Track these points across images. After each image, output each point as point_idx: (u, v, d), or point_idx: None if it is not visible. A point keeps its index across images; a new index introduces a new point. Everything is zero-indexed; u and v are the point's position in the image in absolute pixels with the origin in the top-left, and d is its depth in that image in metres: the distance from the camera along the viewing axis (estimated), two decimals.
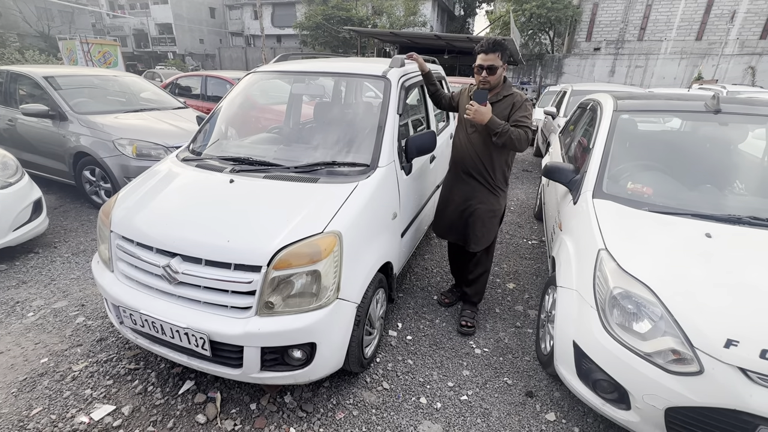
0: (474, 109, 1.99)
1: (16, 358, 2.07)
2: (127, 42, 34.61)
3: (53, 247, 3.26)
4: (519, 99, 2.11)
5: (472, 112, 1.99)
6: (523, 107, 2.08)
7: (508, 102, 2.12)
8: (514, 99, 2.12)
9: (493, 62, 2.04)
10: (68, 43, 15.38)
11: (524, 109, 2.08)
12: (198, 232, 1.64)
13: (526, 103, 2.11)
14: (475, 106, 2.00)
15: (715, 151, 2.38)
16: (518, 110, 2.07)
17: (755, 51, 19.73)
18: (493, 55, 2.03)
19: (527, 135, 2.03)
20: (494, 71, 2.05)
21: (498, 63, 2.05)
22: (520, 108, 2.08)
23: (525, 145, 2.04)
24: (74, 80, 4.59)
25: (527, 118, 2.07)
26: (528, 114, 2.08)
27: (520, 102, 2.10)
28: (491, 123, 1.99)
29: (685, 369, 1.37)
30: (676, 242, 1.70)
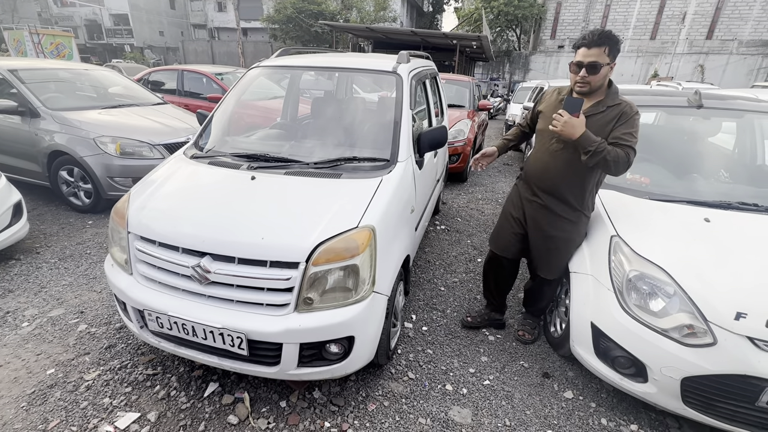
0: (563, 121, 1.62)
1: (19, 370, 1.94)
2: (78, 33, 32.30)
3: (36, 253, 3.05)
4: (629, 110, 1.69)
5: (560, 124, 1.63)
6: (631, 122, 1.67)
7: (613, 114, 1.70)
8: (622, 110, 1.70)
9: (597, 58, 1.62)
10: (15, 34, 14.20)
11: (631, 125, 1.67)
12: (229, 230, 1.61)
13: (635, 117, 1.68)
14: (565, 116, 1.63)
15: (698, 143, 2.58)
16: (624, 125, 1.68)
17: (702, 50, 21.27)
18: (598, 50, 1.62)
19: (628, 157, 1.63)
20: (597, 70, 1.64)
21: (604, 60, 1.63)
22: (627, 122, 1.68)
23: (623, 169, 1.66)
24: (41, 74, 4.28)
25: (632, 136, 1.65)
26: (635, 131, 1.67)
27: (630, 114, 1.68)
28: (583, 139, 1.61)
29: (699, 341, 1.51)
30: (680, 227, 1.86)
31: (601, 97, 1.75)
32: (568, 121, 1.62)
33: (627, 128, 1.68)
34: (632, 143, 1.66)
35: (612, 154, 1.62)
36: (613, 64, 1.67)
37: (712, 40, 21.02)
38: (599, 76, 1.67)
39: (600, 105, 1.74)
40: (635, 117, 1.69)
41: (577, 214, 1.92)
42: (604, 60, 1.64)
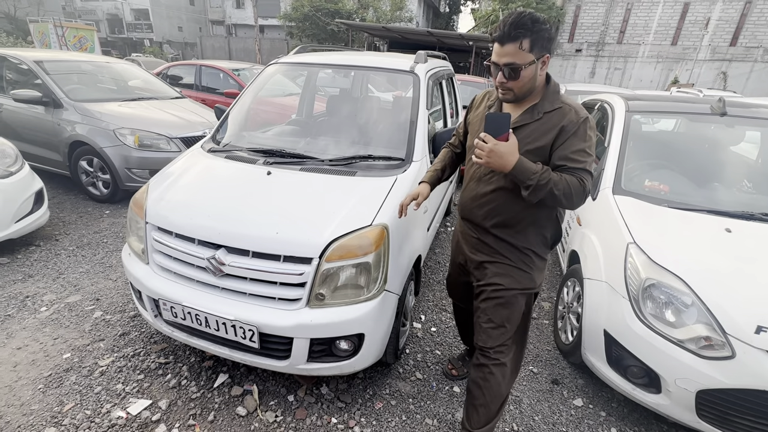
0: (488, 149, 1.17)
1: (36, 353, 2.00)
2: (100, 27, 33.01)
3: (55, 240, 3.13)
4: (574, 117, 1.23)
5: (485, 154, 1.17)
6: (581, 134, 1.22)
7: (553, 122, 1.25)
8: (566, 117, 1.24)
9: (514, 58, 1.17)
10: (40, 26, 14.56)
11: (581, 137, 1.22)
12: (244, 223, 1.63)
13: (585, 126, 1.23)
14: (489, 141, 1.17)
15: (720, 152, 2.52)
16: (570, 139, 1.22)
17: (725, 57, 20.73)
18: (513, 46, 1.16)
19: (583, 185, 1.20)
20: (517, 73, 1.18)
21: (524, 59, 1.17)
22: (575, 135, 1.22)
23: (579, 201, 1.23)
24: (65, 66, 4.38)
25: (585, 153, 1.22)
26: (588, 146, 1.23)
27: (576, 123, 1.22)
28: (518, 172, 1.18)
29: (717, 354, 1.48)
30: (700, 236, 1.82)
31: (536, 100, 1.29)
32: (494, 148, 1.15)
33: (575, 144, 1.21)
34: (585, 164, 1.21)
35: (561, 186, 1.17)
36: (544, 58, 1.20)
37: (736, 47, 20.48)
38: (524, 80, 1.20)
39: (534, 111, 1.28)
40: (585, 125, 1.21)
41: (523, 256, 1.40)
42: (525, 58, 1.16)
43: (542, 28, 1.16)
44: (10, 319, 2.22)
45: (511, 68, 1.18)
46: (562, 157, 1.23)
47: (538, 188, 1.18)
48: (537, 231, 1.40)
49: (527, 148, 1.26)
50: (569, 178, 1.20)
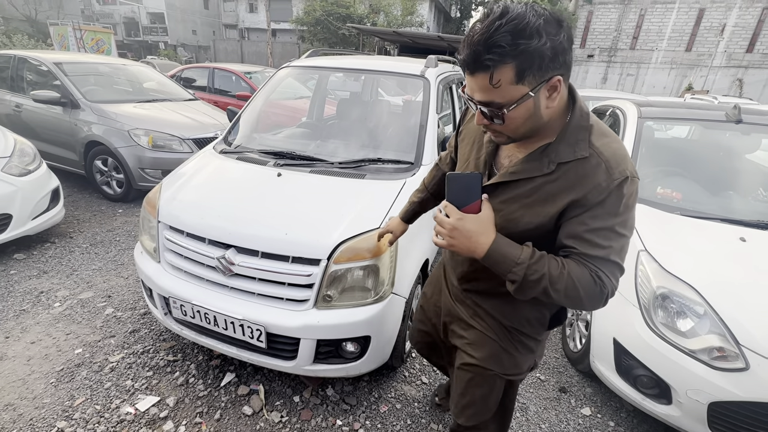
0: (449, 227, 0.81)
1: (49, 348, 2.04)
2: (117, 30, 33.76)
3: (69, 238, 3.20)
4: (603, 180, 0.76)
5: (445, 234, 0.82)
6: (610, 203, 0.76)
7: (571, 180, 0.79)
8: (590, 177, 0.77)
9: (490, 95, 0.73)
10: (60, 29, 14.93)
11: (612, 209, 0.77)
12: (254, 224, 1.65)
13: (620, 192, 0.76)
14: (452, 216, 0.81)
15: (735, 160, 2.48)
16: (593, 208, 0.77)
17: (741, 64, 20.40)
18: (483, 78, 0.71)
19: (600, 284, 0.78)
20: (499, 113, 0.74)
21: (507, 95, 0.72)
22: (601, 204, 0.77)
23: (593, 305, 0.81)
24: (83, 67, 4.49)
25: (615, 233, 0.78)
26: (621, 223, 0.78)
27: (605, 190, 0.76)
28: (492, 260, 0.81)
29: (730, 366, 1.45)
30: (713, 245, 1.78)
31: (549, 138, 0.82)
32: (458, 225, 0.79)
33: (599, 218, 0.76)
34: (610, 250, 0.77)
35: (562, 283, 0.77)
36: (553, 82, 0.72)
37: (753, 54, 20.14)
38: (515, 122, 0.75)
39: (544, 158, 0.81)
40: (620, 191, 0.76)
41: (509, 335, 1.03)
42: (509, 94, 0.71)
43: (533, 45, 0.66)
44: (25, 313, 2.27)
45: (494, 107, 0.73)
46: (573, 235, 0.78)
47: (526, 285, 0.78)
48: (531, 306, 0.99)
49: (524, 218, 0.83)
50: (578, 270, 0.76)
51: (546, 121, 0.78)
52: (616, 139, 0.81)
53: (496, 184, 0.88)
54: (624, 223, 0.78)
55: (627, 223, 0.79)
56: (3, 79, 4.46)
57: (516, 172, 0.85)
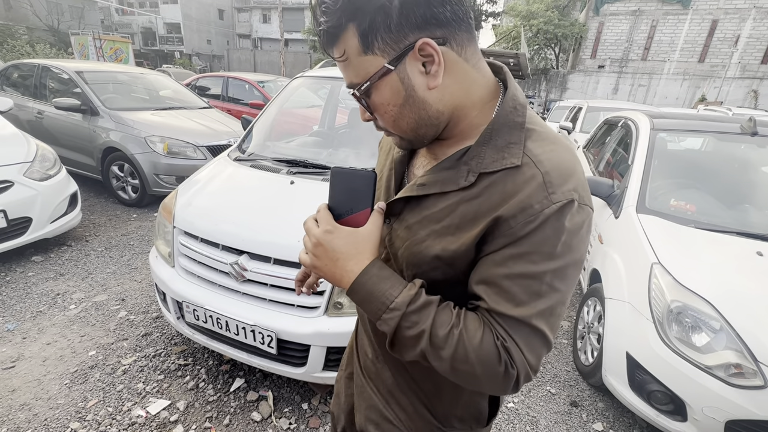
0: (314, 241, 0.56)
1: (64, 349, 2.07)
2: (134, 39, 34.76)
3: (85, 241, 3.27)
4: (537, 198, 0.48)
5: (309, 249, 0.57)
6: (540, 237, 0.48)
7: (494, 198, 0.51)
8: (519, 192, 0.49)
9: (346, 71, 0.54)
10: (81, 39, 15.42)
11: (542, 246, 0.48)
12: (267, 231, 1.67)
13: (559, 223, 0.48)
14: (322, 225, 0.56)
15: (751, 172, 2.45)
16: (519, 242, 0.49)
17: (756, 75, 20.14)
18: (336, 50, 0.52)
19: (506, 360, 0.49)
20: (363, 99, 0.55)
21: (361, 69, 0.51)
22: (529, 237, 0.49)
23: (495, 387, 0.52)
24: (103, 76, 4.64)
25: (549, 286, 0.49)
26: (556, 271, 0.49)
27: (536, 213, 0.48)
28: (359, 296, 0.56)
29: (748, 383, 1.42)
30: (729, 259, 1.76)
31: (468, 140, 0.57)
32: (323, 240, 0.56)
33: (530, 260, 0.49)
34: (533, 314, 0.50)
35: (450, 348, 0.51)
36: (420, 44, 0.48)
37: None
38: (386, 105, 0.54)
39: (461, 166, 0.55)
40: (563, 221, 0.49)
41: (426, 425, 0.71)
42: (365, 67, 0.51)
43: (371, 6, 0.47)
44: (41, 315, 2.32)
45: (355, 94, 0.55)
46: (484, 280, 0.52)
47: (400, 341, 0.55)
48: (466, 397, 0.69)
49: (432, 250, 0.56)
50: (477, 334, 0.51)
51: (442, 110, 0.53)
52: (566, 147, 0.54)
53: (404, 201, 0.60)
54: (561, 271, 0.49)
55: (566, 272, 0.50)
56: (26, 87, 4.62)
57: (424, 184, 0.57)
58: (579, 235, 0.50)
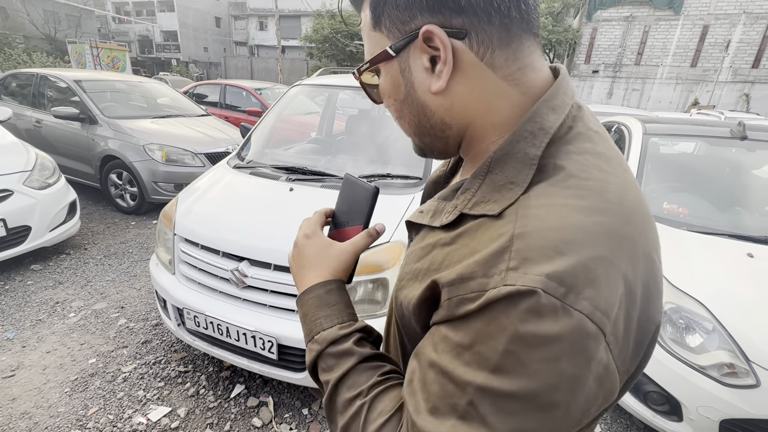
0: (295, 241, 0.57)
1: (64, 357, 2.08)
2: (131, 47, 34.86)
3: (84, 249, 3.27)
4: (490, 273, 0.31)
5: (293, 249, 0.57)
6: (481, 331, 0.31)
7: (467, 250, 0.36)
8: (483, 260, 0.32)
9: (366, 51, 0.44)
10: (77, 47, 15.48)
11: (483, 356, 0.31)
12: (267, 237, 1.69)
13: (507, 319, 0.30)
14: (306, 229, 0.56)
15: (742, 175, 2.49)
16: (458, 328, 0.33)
17: (747, 79, 20.44)
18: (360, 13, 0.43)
19: None
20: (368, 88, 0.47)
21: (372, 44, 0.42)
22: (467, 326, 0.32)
23: None
24: (101, 84, 4.66)
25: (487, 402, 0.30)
26: (504, 394, 0.30)
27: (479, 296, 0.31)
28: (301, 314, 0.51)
29: (741, 382, 1.44)
30: (720, 261, 1.79)
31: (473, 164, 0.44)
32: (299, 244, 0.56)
33: (458, 355, 0.32)
34: (435, 429, 0.32)
35: (346, 416, 0.41)
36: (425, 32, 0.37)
37: (759, 69, 20.18)
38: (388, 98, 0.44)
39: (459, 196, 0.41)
40: (501, 318, 0.30)
41: None
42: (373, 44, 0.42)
43: None
44: (41, 323, 2.32)
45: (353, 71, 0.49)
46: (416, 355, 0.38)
47: (314, 379, 0.49)
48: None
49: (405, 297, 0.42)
50: (377, 420, 0.39)
51: (448, 122, 0.42)
52: (600, 208, 0.34)
53: (410, 227, 0.50)
54: (496, 398, 0.31)
55: (506, 405, 0.31)
56: (25, 96, 4.64)
57: (422, 211, 0.47)
58: (544, 355, 0.29)
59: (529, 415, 0.30)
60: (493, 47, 0.37)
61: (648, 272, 0.34)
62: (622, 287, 0.31)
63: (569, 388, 0.30)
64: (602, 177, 0.36)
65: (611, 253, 0.32)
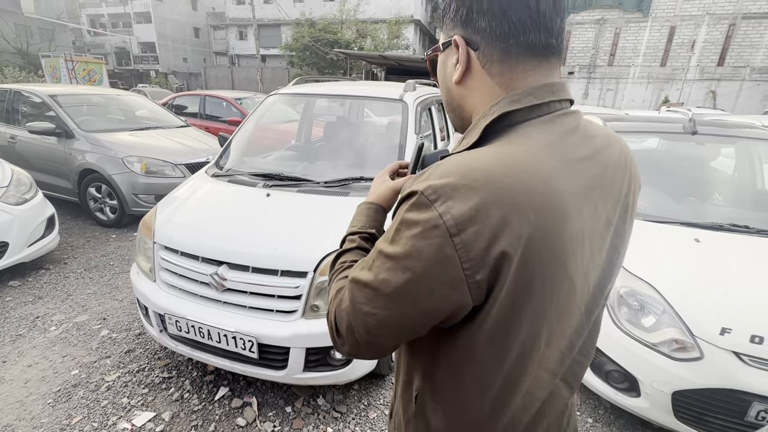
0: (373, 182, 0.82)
1: (46, 370, 2.09)
2: (108, 59, 34.30)
3: (63, 264, 3.26)
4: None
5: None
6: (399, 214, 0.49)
7: None
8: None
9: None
10: (51, 61, 15.18)
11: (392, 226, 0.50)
12: (244, 241, 1.76)
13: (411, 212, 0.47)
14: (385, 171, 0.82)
15: (698, 168, 2.67)
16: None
17: (714, 77, 21.35)
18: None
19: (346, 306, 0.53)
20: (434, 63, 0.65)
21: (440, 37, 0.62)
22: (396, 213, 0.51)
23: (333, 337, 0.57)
24: (77, 99, 4.65)
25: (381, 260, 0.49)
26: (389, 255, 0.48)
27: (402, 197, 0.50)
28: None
29: (687, 356, 1.57)
30: (671, 247, 1.94)
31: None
32: (373, 182, 0.79)
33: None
34: (352, 275, 0.54)
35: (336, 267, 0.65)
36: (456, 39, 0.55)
37: (724, 67, 21.12)
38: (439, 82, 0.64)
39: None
40: (403, 209, 0.49)
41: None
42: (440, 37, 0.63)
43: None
44: (21, 338, 2.32)
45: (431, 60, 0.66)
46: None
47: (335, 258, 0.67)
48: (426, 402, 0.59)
49: None
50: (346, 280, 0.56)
51: (462, 106, 0.59)
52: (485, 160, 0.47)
53: None
54: (386, 258, 0.49)
55: (389, 263, 0.48)
56: None
57: None
58: (409, 233, 0.45)
59: (394, 272, 0.47)
60: (492, 62, 0.53)
61: (540, 231, 0.45)
62: (488, 215, 0.43)
63: (418, 258, 0.45)
64: (517, 152, 0.49)
65: (483, 188, 0.44)
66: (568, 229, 0.48)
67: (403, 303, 0.48)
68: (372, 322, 0.50)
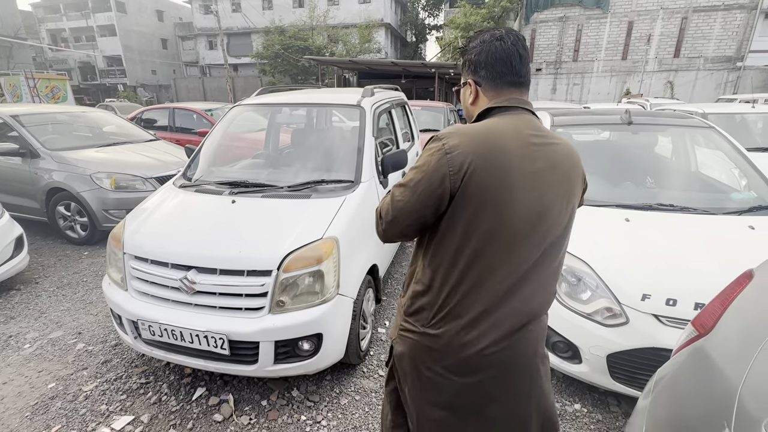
0: None
1: (22, 386, 2.13)
2: (72, 75, 33.27)
3: (35, 283, 3.26)
4: None
5: None
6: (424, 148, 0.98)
7: None
8: None
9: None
10: (11, 79, 14.68)
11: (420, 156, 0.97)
12: (211, 246, 1.87)
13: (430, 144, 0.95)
14: None
15: (631, 155, 2.92)
16: None
17: (671, 68, 22.45)
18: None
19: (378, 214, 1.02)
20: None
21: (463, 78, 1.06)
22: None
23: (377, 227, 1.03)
24: (41, 117, 4.60)
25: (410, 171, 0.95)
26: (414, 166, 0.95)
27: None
28: None
29: (616, 321, 1.77)
30: (603, 227, 2.15)
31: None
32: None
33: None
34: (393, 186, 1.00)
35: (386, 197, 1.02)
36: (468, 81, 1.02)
37: (680, 58, 22.23)
38: (462, 99, 1.07)
39: None
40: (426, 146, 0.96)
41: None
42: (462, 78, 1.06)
43: (464, 56, 1.02)
44: None
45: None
46: None
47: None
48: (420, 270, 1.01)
49: None
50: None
51: (473, 115, 1.03)
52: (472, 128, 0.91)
53: None
54: (412, 168, 0.93)
55: (413, 168, 0.93)
56: None
57: None
58: (427, 153, 0.91)
59: (416, 173, 0.91)
60: (488, 90, 0.99)
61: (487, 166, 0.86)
62: (470, 153, 0.86)
63: (428, 165, 0.89)
64: (490, 124, 0.93)
65: (465, 136, 0.88)
66: (507, 173, 0.87)
67: (418, 189, 0.89)
68: (399, 205, 0.93)
